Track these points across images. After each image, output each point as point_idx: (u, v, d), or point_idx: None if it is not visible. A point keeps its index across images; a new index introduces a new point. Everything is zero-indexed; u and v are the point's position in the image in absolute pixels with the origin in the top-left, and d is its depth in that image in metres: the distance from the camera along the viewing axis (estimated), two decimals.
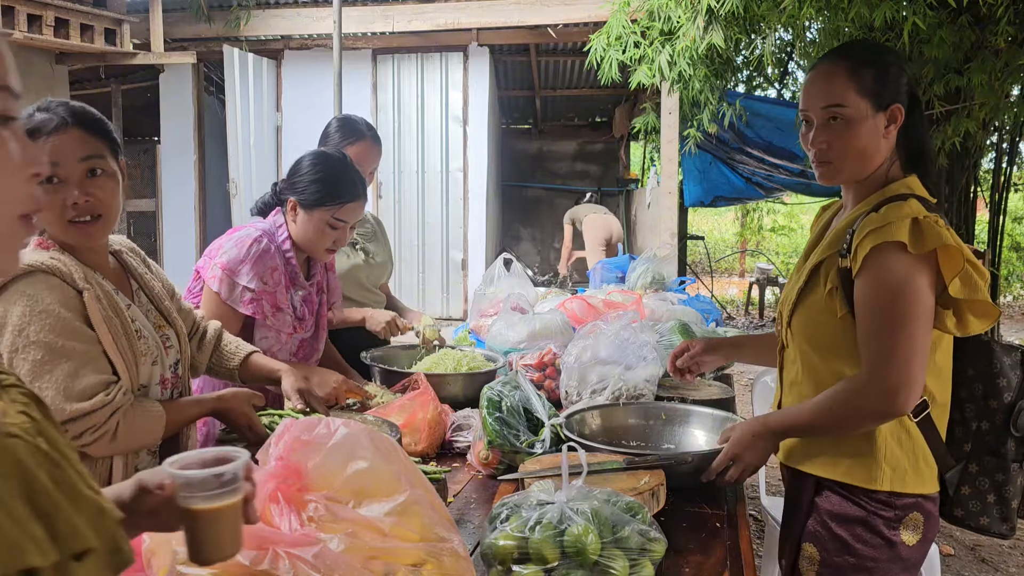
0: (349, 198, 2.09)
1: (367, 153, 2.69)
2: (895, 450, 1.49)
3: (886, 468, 1.49)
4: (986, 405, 1.54)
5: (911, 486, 1.49)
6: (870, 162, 1.55)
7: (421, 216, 8.59)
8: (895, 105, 1.53)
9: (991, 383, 1.55)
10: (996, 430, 1.54)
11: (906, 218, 1.42)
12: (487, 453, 1.81)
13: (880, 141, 1.54)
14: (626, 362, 2.18)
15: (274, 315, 2.08)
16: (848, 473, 1.51)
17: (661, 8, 4.54)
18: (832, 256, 1.53)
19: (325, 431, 1.00)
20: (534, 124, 11.59)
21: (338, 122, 2.75)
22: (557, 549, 1.18)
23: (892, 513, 1.49)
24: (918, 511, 1.50)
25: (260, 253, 2.05)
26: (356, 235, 2.84)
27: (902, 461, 1.49)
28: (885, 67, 1.55)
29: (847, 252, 1.48)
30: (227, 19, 7.90)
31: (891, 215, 1.43)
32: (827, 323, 1.53)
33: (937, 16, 3.51)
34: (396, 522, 0.96)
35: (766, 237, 15.62)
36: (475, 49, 8.31)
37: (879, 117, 1.53)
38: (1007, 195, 5.82)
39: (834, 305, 1.50)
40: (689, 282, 4.19)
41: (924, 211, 1.44)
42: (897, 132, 1.55)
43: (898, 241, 1.40)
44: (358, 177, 2.15)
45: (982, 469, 1.55)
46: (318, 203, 2.07)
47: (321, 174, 2.09)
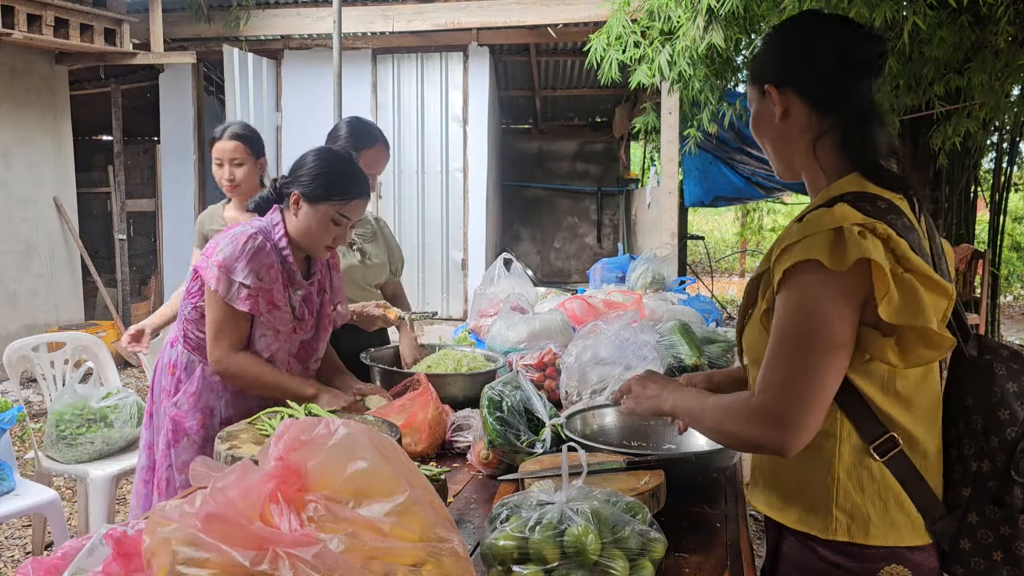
0: (355, 194, 2.10)
1: (379, 157, 2.75)
2: (853, 496, 1.25)
3: (839, 516, 1.26)
4: (986, 442, 1.27)
5: (879, 537, 1.24)
6: (784, 153, 1.38)
7: (421, 216, 8.58)
8: (767, 86, 1.35)
9: (991, 415, 1.27)
10: (998, 473, 1.26)
11: (826, 229, 1.19)
12: (487, 453, 1.81)
13: (777, 128, 1.36)
14: (626, 362, 2.18)
15: (270, 312, 2.07)
16: (801, 520, 1.30)
17: (661, 8, 4.54)
18: (766, 272, 1.30)
19: (325, 431, 1.00)
20: (534, 124, 11.59)
21: (349, 126, 2.76)
22: (557, 549, 1.17)
23: (858, 566, 1.25)
24: (900, 564, 1.25)
25: (255, 250, 2.04)
26: (355, 235, 2.84)
27: (863, 508, 1.25)
28: (765, 43, 1.40)
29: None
30: (227, 19, 7.89)
31: (810, 226, 1.21)
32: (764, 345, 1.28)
33: (937, 16, 3.51)
34: (396, 522, 0.96)
35: (766, 237, 15.62)
36: (475, 49, 8.31)
37: (765, 102, 1.37)
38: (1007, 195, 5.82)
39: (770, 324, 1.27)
40: (689, 282, 4.19)
41: (856, 217, 1.19)
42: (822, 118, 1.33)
43: (812, 259, 1.18)
44: (362, 175, 2.16)
45: (984, 520, 1.26)
46: (324, 197, 2.07)
47: (328, 168, 2.09)
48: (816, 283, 1.19)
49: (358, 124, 2.77)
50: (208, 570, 0.87)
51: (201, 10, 7.88)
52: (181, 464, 2.12)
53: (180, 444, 2.15)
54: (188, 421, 2.14)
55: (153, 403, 2.29)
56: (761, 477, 1.41)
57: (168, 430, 2.17)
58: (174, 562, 0.88)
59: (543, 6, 7.55)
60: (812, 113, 1.33)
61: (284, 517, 0.93)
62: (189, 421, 2.14)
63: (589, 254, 11.20)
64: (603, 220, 11.37)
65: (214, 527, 0.89)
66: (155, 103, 8.69)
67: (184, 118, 8.53)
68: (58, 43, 6.64)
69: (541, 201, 11.57)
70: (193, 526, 0.90)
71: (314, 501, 0.95)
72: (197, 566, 0.87)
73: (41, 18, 6.36)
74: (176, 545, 0.89)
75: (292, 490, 0.96)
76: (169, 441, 2.17)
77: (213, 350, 2.06)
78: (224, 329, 2.05)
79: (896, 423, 1.26)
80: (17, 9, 6.16)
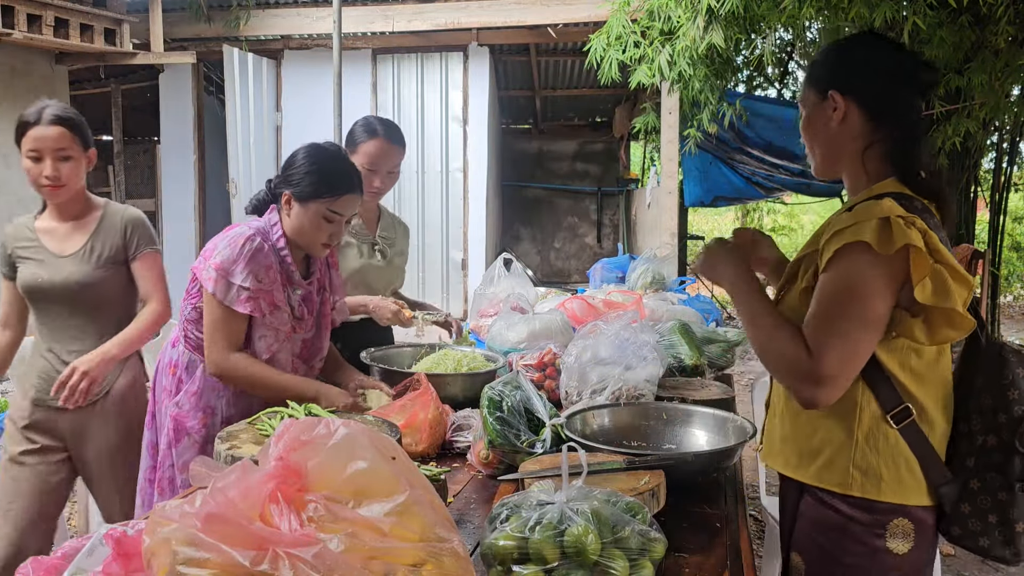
0: (344, 190, 2.09)
1: (380, 152, 2.68)
2: (868, 456, 1.43)
3: (855, 473, 1.43)
4: (994, 419, 1.43)
5: (888, 494, 1.42)
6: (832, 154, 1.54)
7: (421, 216, 8.59)
8: (832, 91, 1.50)
9: (1001, 395, 1.44)
10: (1004, 446, 1.42)
11: (875, 218, 1.36)
12: (487, 453, 1.81)
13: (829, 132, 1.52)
14: (626, 362, 2.18)
15: (272, 313, 2.07)
16: (818, 476, 1.47)
17: (661, 8, 4.54)
18: (811, 254, 1.50)
19: (325, 431, 1.00)
20: (534, 124, 11.59)
21: (361, 121, 2.77)
22: (557, 549, 1.17)
23: (870, 518, 1.42)
24: (904, 518, 1.42)
25: (253, 251, 2.04)
26: (378, 236, 2.84)
27: (876, 468, 1.42)
28: (827, 51, 1.54)
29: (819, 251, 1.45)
30: (227, 19, 7.89)
31: (861, 215, 1.39)
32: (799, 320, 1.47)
33: (937, 16, 3.51)
34: (396, 522, 0.96)
35: None
36: (475, 49, 8.31)
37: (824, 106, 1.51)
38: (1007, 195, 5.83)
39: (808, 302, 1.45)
40: (689, 282, 4.19)
41: (900, 211, 1.37)
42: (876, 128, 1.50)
43: (862, 241, 1.35)
44: (352, 169, 2.15)
45: (985, 487, 1.43)
46: (313, 195, 2.06)
47: (316, 166, 2.09)
48: (864, 263, 1.36)
49: (365, 120, 2.77)
50: (208, 570, 0.87)
51: (201, 10, 7.88)
52: (183, 464, 2.12)
53: (181, 444, 2.15)
54: (190, 421, 2.14)
55: (155, 403, 2.29)
56: (778, 440, 1.58)
57: (170, 429, 2.17)
58: (174, 562, 0.88)
59: (543, 6, 7.55)
60: (868, 123, 1.50)
61: (284, 517, 0.93)
62: (191, 421, 2.14)
63: (589, 254, 11.19)
64: (603, 220, 11.37)
65: (214, 527, 0.89)
66: (155, 103, 8.69)
67: (184, 118, 8.53)
68: (58, 43, 6.64)
69: (541, 201, 11.57)
70: (193, 526, 0.90)
71: (314, 501, 0.95)
72: (197, 566, 0.87)
73: (41, 18, 6.36)
74: (176, 545, 0.89)
75: (292, 490, 0.96)
76: (171, 441, 2.17)
77: (210, 352, 2.06)
78: (220, 331, 2.05)
79: (912, 396, 1.43)
80: (17, 9, 6.16)
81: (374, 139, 2.68)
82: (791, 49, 6.18)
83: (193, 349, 2.19)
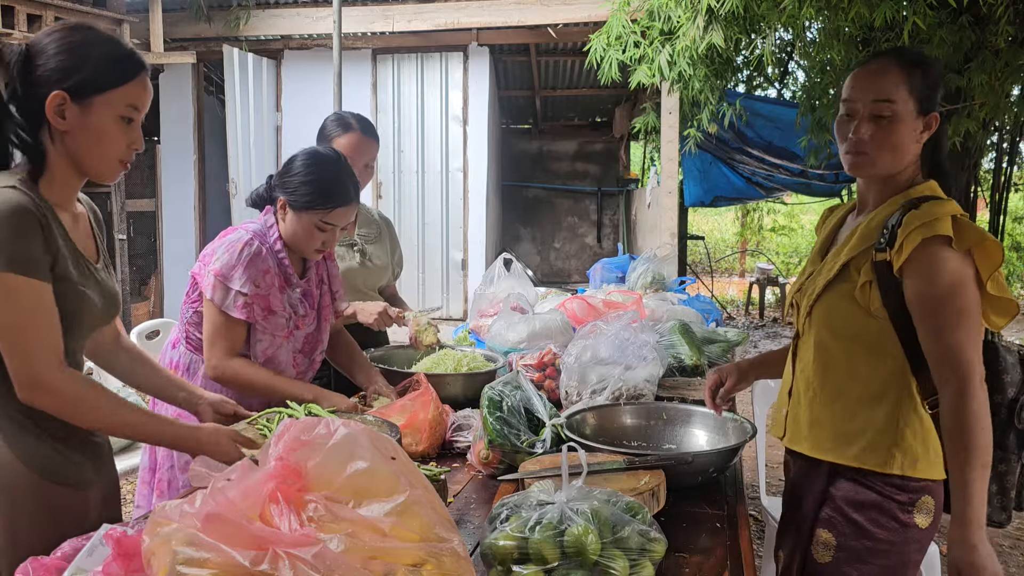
0: (338, 203, 2.07)
1: (357, 145, 2.63)
2: (908, 438, 1.57)
3: (896, 453, 1.56)
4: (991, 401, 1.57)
5: (921, 471, 1.56)
6: (900, 161, 1.62)
7: (421, 216, 8.58)
8: (934, 114, 1.62)
9: (996, 379, 1.61)
10: (1001, 424, 1.60)
11: (947, 216, 1.50)
12: (487, 452, 1.81)
13: (913, 143, 1.62)
14: (626, 362, 2.19)
15: (265, 318, 2.07)
16: (859, 458, 1.59)
17: (661, 8, 4.54)
18: (865, 251, 1.59)
19: (325, 431, 1.00)
20: (534, 124, 11.58)
21: (332, 116, 2.75)
22: (557, 549, 1.18)
23: (906, 497, 1.57)
24: (929, 495, 1.58)
25: (252, 256, 2.04)
26: (356, 236, 2.82)
27: (913, 448, 1.56)
28: (934, 76, 1.65)
29: (885, 246, 1.54)
30: (227, 19, 7.89)
31: (935, 211, 1.51)
32: (853, 314, 1.60)
33: (937, 16, 3.51)
34: (396, 522, 0.96)
35: (766, 237, 15.62)
36: (475, 49, 8.31)
37: (919, 121, 1.61)
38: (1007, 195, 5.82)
39: (867, 298, 1.57)
40: (689, 282, 4.20)
41: (960, 210, 1.52)
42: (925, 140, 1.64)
43: (945, 235, 1.47)
44: (350, 179, 2.12)
45: None
46: (307, 206, 2.05)
47: (312, 176, 2.06)
48: (951, 258, 1.49)
49: (338, 115, 2.73)
50: (208, 570, 0.87)
51: (201, 10, 7.88)
52: (184, 464, 2.11)
53: None
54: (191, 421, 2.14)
55: (155, 404, 2.29)
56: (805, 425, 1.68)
57: None
58: (174, 562, 0.88)
59: (543, 6, 7.55)
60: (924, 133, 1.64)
61: (284, 517, 0.93)
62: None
63: (589, 254, 11.19)
64: (603, 220, 11.37)
65: (214, 527, 0.89)
66: (155, 103, 8.66)
67: (184, 118, 8.52)
68: None
69: (541, 201, 11.57)
70: (193, 526, 0.90)
71: (314, 501, 0.95)
72: (197, 566, 0.87)
73: (41, 18, 6.36)
74: (176, 545, 0.89)
75: (292, 490, 0.96)
76: None
77: (209, 356, 2.07)
78: (220, 336, 2.05)
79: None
80: (17, 9, 6.15)
81: (349, 133, 2.65)
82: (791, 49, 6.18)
83: (195, 350, 2.19)
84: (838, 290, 1.62)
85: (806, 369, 1.69)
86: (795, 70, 7.55)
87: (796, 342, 1.76)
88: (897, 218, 1.55)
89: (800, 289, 1.75)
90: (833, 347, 1.63)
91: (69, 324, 1.41)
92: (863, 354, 1.60)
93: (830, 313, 1.64)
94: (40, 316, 1.35)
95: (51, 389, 1.37)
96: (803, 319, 1.70)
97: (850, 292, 1.60)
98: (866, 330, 1.59)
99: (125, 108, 1.43)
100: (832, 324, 1.63)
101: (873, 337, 1.59)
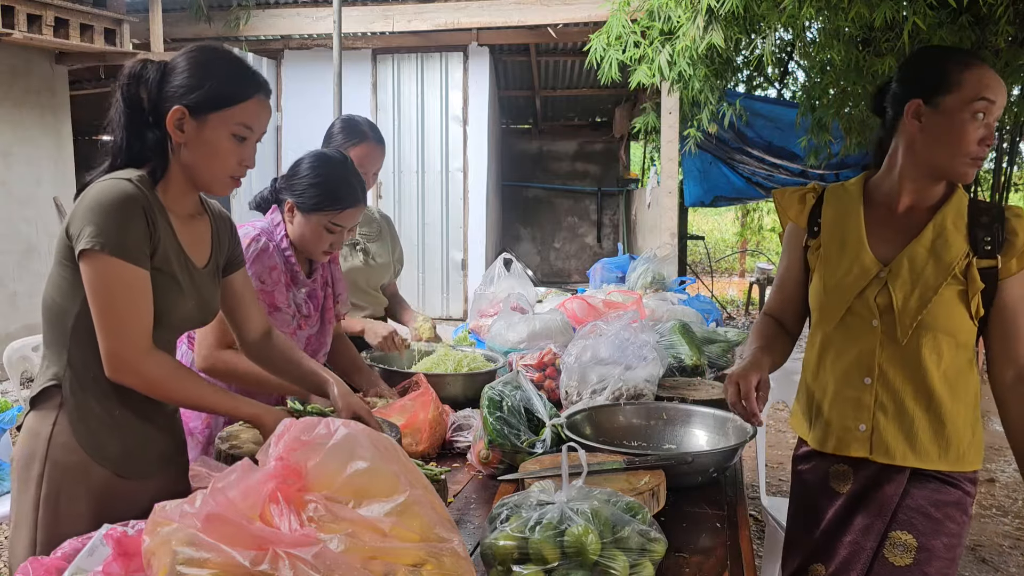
0: (347, 204, 2.07)
1: (370, 155, 2.66)
2: (980, 434, 1.67)
3: (972, 451, 1.64)
4: None
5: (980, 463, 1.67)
6: None
7: (421, 216, 8.59)
8: None
9: None
10: None
11: None
12: (487, 452, 1.81)
13: None
14: (626, 362, 2.18)
15: (271, 314, 2.07)
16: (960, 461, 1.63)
17: (661, 8, 4.54)
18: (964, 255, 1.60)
19: (325, 431, 1.00)
20: (534, 124, 11.59)
21: (341, 123, 2.73)
22: (557, 549, 1.17)
23: (973, 489, 1.66)
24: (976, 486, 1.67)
25: (258, 252, 2.04)
26: (358, 235, 2.82)
27: (980, 443, 1.67)
28: None
29: (994, 252, 1.58)
30: (227, 19, 7.89)
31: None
32: (964, 318, 1.61)
33: (937, 16, 3.51)
34: (396, 522, 0.96)
35: (766, 237, 15.61)
36: (475, 49, 8.31)
37: None
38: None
39: (976, 303, 1.60)
40: (689, 282, 4.20)
41: None
42: None
43: None
44: (358, 181, 2.13)
45: None
46: (315, 208, 2.05)
47: (320, 178, 2.07)
48: None
49: (347, 122, 2.72)
50: (208, 570, 0.87)
51: (201, 10, 7.88)
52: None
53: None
54: (192, 421, 2.14)
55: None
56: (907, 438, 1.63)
57: None
58: (174, 562, 0.88)
59: (543, 6, 7.55)
60: None
61: (284, 517, 0.93)
62: (193, 421, 2.14)
63: (589, 254, 11.20)
64: (603, 220, 11.37)
65: (214, 527, 0.89)
66: None
67: None
68: (58, 43, 6.64)
69: (541, 201, 11.57)
70: (193, 526, 0.90)
71: (314, 501, 0.95)
72: (197, 566, 0.87)
73: (41, 18, 6.36)
74: (176, 545, 0.89)
75: (292, 490, 0.96)
76: None
77: (200, 347, 2.04)
78: (216, 328, 2.03)
79: None
80: (17, 9, 6.15)
81: (363, 144, 2.65)
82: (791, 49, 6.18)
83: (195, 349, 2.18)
84: (950, 293, 1.60)
85: (914, 377, 1.62)
86: (795, 70, 7.55)
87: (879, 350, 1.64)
88: (992, 223, 1.59)
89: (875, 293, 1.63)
90: (944, 351, 1.61)
91: (159, 314, 1.47)
92: (961, 356, 1.64)
93: (945, 317, 1.60)
94: (134, 298, 1.42)
95: (137, 369, 1.43)
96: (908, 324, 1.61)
97: (961, 295, 1.60)
98: (965, 333, 1.62)
99: (238, 126, 1.50)
100: (946, 328, 1.61)
101: (966, 339, 1.63)
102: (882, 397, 1.64)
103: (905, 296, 1.61)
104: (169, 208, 1.51)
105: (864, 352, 1.65)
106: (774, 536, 2.61)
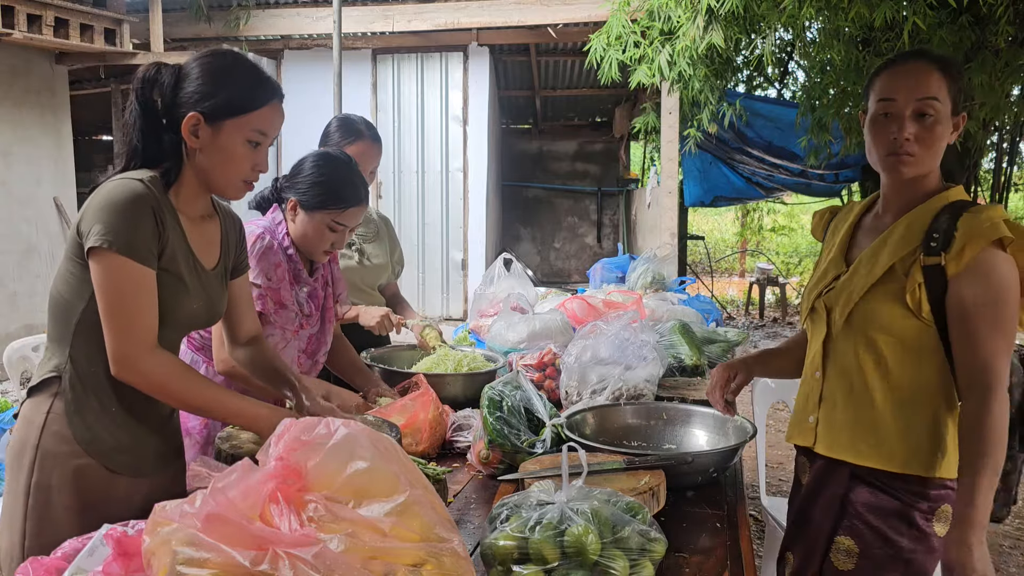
0: (351, 203, 2.08)
1: (366, 153, 2.66)
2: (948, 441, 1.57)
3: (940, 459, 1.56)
4: None
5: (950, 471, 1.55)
6: (935, 161, 1.61)
7: (421, 216, 8.59)
8: (962, 114, 1.62)
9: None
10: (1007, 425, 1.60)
11: (1000, 219, 1.51)
12: (487, 452, 1.81)
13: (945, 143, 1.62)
14: (626, 362, 2.18)
15: (277, 312, 2.07)
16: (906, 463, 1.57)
17: (661, 8, 4.54)
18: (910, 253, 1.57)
19: (325, 431, 1.00)
20: (534, 124, 11.59)
21: (338, 122, 2.73)
22: (557, 549, 1.17)
23: (926, 505, 1.56)
24: (947, 503, 1.56)
25: (264, 250, 2.05)
26: (355, 236, 2.82)
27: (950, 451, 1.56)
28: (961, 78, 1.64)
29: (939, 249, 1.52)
30: (227, 19, 7.89)
31: (992, 215, 1.52)
32: (900, 316, 1.56)
33: (937, 16, 3.51)
34: (396, 522, 0.96)
35: (766, 237, 15.61)
36: (475, 49, 8.31)
37: (951, 121, 1.61)
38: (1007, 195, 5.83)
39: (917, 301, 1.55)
40: (689, 282, 4.20)
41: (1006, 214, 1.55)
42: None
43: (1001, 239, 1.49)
44: (360, 180, 2.14)
45: None
46: (319, 206, 2.06)
47: (324, 176, 2.08)
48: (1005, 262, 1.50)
49: (344, 121, 2.72)
50: (208, 570, 0.87)
51: (201, 10, 7.88)
52: None
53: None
54: (191, 421, 2.14)
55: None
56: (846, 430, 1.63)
57: None
58: (174, 562, 0.88)
59: (543, 6, 7.55)
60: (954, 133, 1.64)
61: (284, 517, 0.93)
62: (191, 421, 2.14)
63: (589, 254, 11.20)
64: (603, 220, 11.37)
65: (214, 527, 0.89)
66: None
67: None
68: (58, 43, 6.64)
69: (541, 201, 11.57)
70: (193, 526, 0.90)
71: (314, 501, 0.95)
72: (197, 566, 0.87)
73: (41, 18, 6.36)
74: (176, 545, 0.89)
75: (292, 490, 0.96)
76: None
77: (218, 351, 2.04)
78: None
79: None
80: (17, 9, 6.16)
81: (359, 142, 2.64)
82: (791, 49, 6.18)
83: (196, 349, 2.18)
84: (884, 291, 1.59)
85: (846, 373, 1.64)
86: (795, 70, 7.55)
87: (826, 347, 1.69)
88: (948, 222, 1.53)
89: (826, 292, 1.69)
90: (880, 349, 1.59)
91: (164, 314, 1.48)
92: (909, 356, 1.58)
93: (876, 315, 1.60)
94: (140, 297, 1.42)
95: (140, 368, 1.43)
96: (839, 322, 1.65)
97: (898, 293, 1.57)
98: (911, 333, 1.57)
99: (253, 132, 1.52)
100: (879, 326, 1.59)
101: (915, 340, 1.57)
102: (825, 391, 1.68)
103: (839, 294, 1.65)
104: (180, 209, 1.52)
105: (816, 348, 1.71)
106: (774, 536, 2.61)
